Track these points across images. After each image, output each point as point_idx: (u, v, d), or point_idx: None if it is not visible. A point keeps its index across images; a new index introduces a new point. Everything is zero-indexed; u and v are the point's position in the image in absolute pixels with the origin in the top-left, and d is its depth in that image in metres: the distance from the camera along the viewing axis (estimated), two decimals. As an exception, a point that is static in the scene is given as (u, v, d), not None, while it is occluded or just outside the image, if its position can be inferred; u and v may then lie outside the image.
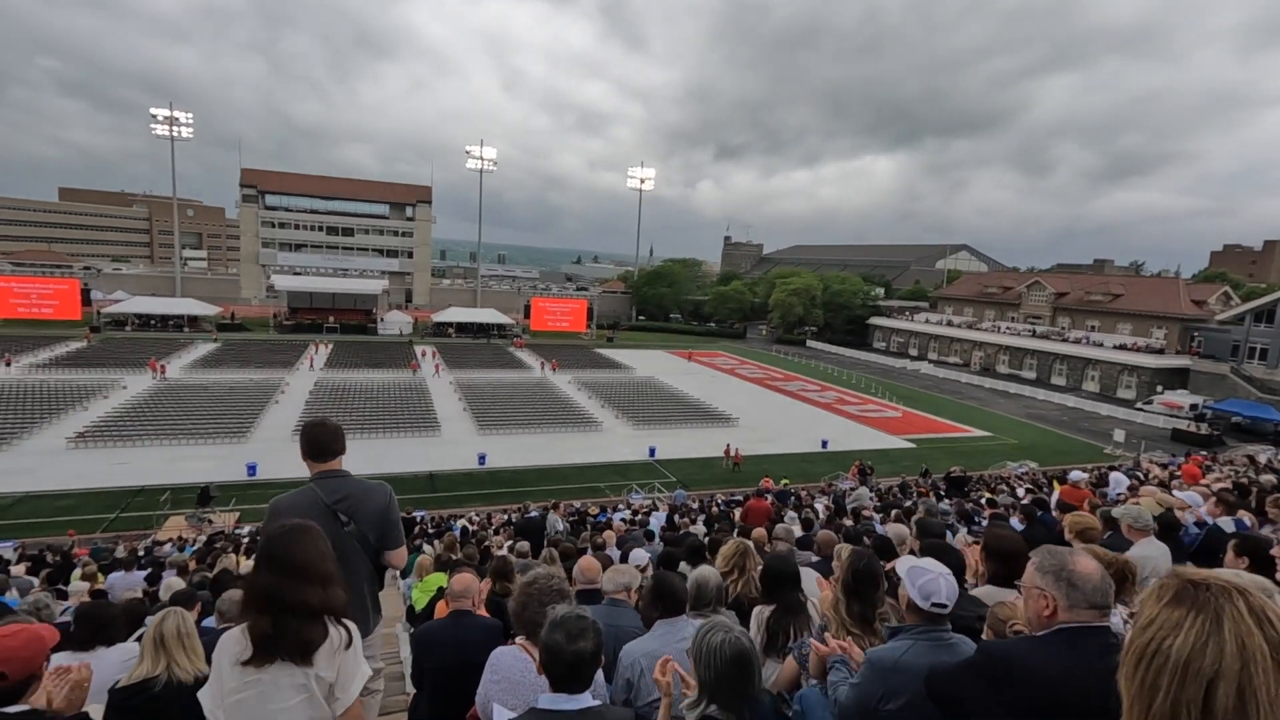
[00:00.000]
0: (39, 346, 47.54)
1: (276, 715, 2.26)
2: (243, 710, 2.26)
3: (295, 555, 2.34)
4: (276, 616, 2.27)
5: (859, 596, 2.83)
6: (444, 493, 26.07)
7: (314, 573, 2.34)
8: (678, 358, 66.32)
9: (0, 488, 23.65)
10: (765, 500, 10.17)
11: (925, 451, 36.96)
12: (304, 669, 2.30)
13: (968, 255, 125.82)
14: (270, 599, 2.28)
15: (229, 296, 75.98)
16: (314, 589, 2.32)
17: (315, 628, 2.33)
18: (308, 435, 3.52)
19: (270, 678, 2.27)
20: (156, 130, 71.64)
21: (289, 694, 2.28)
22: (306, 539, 2.40)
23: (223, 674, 2.30)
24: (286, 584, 2.29)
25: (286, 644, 2.27)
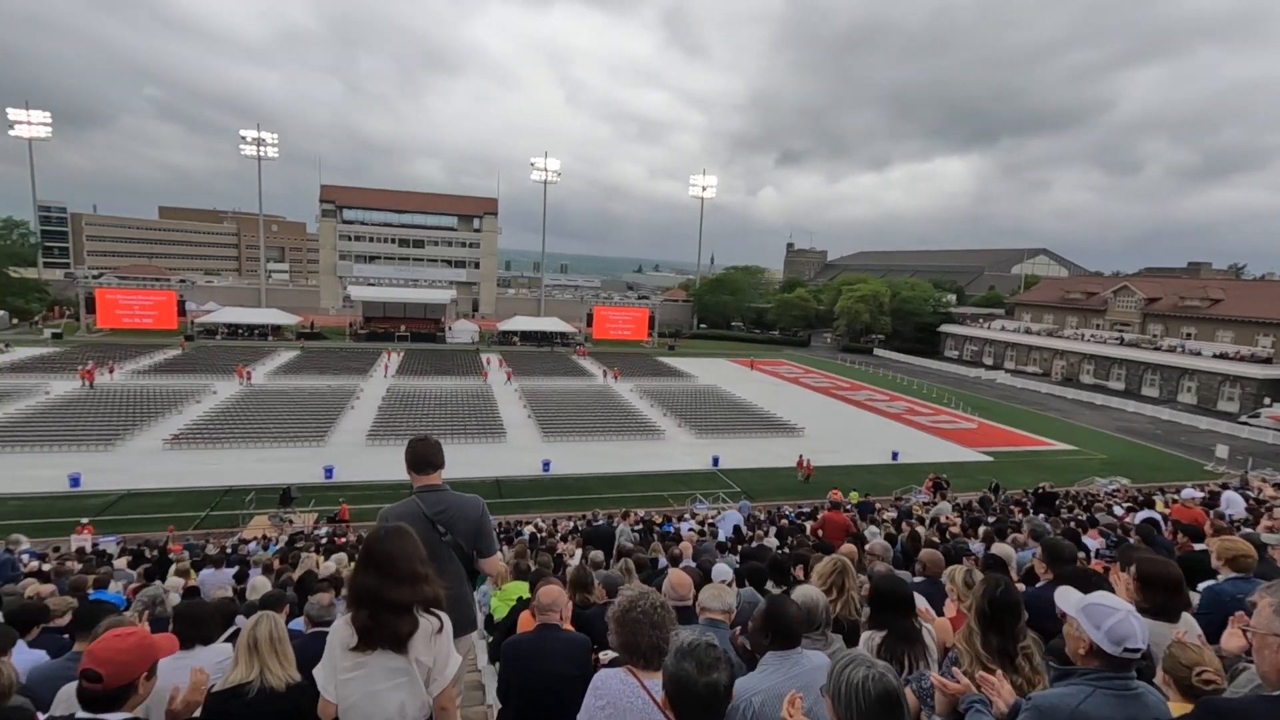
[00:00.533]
0: (140, 354, 51.03)
1: (378, 694, 2.59)
2: (351, 688, 2.60)
3: (388, 556, 2.65)
4: (374, 611, 2.58)
5: (998, 628, 2.52)
6: (510, 498, 26.40)
7: (404, 571, 2.64)
8: (740, 366, 65.51)
9: (105, 485, 25.36)
10: (841, 513, 9.72)
11: (1004, 465, 35.17)
12: (401, 655, 2.61)
13: (1046, 259, 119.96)
14: (368, 596, 2.60)
15: (309, 306, 79.77)
16: (405, 586, 2.62)
17: (406, 620, 2.61)
18: (412, 450, 3.90)
19: (373, 662, 2.60)
20: (245, 150, 76.15)
21: (389, 676, 2.61)
22: (398, 541, 2.72)
23: (335, 656, 2.64)
24: (381, 583, 2.59)
25: (383, 635, 2.59)
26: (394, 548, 2.68)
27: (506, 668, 3.54)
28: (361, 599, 2.62)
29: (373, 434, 33.38)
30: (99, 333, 60.35)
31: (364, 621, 2.58)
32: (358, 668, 2.60)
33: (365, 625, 2.58)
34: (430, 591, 2.71)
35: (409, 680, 2.62)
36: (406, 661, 2.61)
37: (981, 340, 78.13)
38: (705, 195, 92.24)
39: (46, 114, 72.08)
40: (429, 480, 3.86)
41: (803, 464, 30.72)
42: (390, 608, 2.59)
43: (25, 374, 42.47)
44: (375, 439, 32.85)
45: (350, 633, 2.62)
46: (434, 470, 3.88)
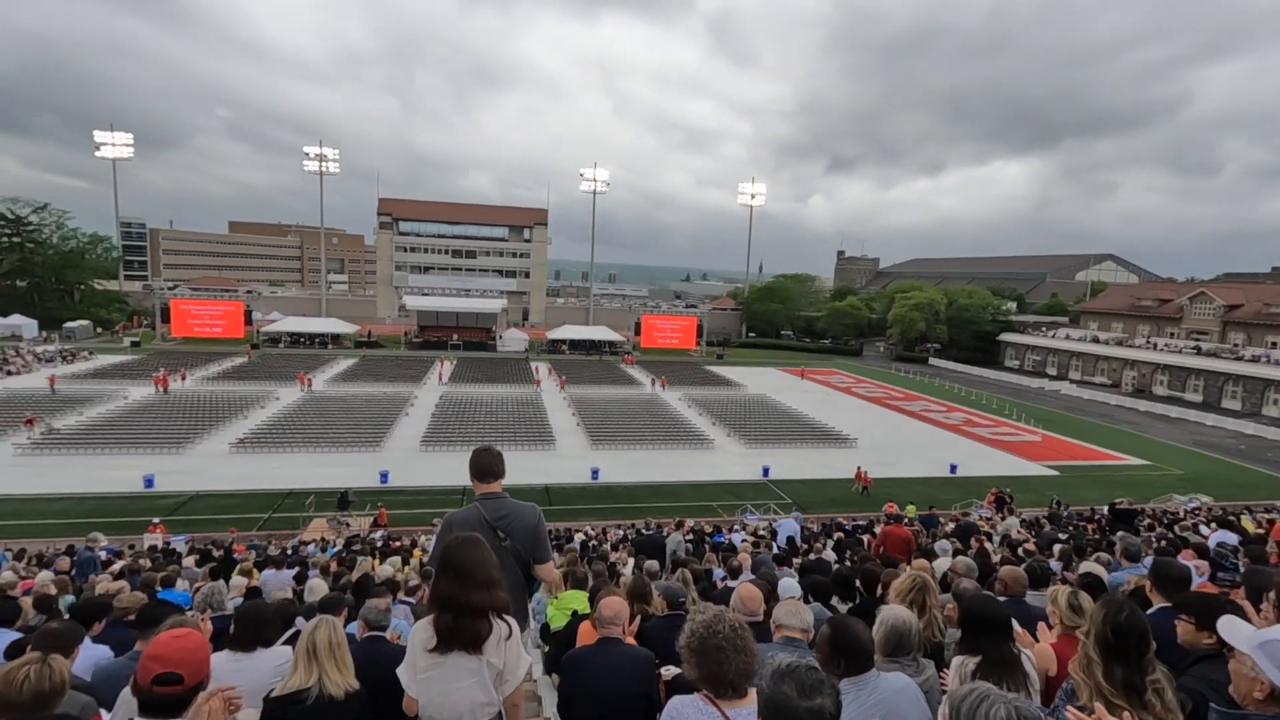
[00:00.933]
0: (210, 361, 53.47)
1: (455, 692, 2.79)
2: (430, 686, 2.81)
3: (467, 564, 2.84)
4: (454, 614, 2.78)
5: (1122, 658, 2.23)
6: (559, 505, 26.45)
7: (481, 578, 2.83)
8: (790, 375, 64.51)
9: (176, 486, 26.52)
10: (903, 527, 9.30)
11: (1070, 480, 33.53)
12: (476, 657, 2.80)
13: (1114, 265, 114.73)
14: (449, 601, 2.80)
15: (366, 316, 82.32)
16: (481, 592, 2.81)
17: (483, 624, 2.81)
18: (476, 460, 4.06)
19: (450, 662, 2.79)
20: (308, 166, 79.35)
21: (465, 676, 2.80)
22: (474, 550, 2.90)
23: (416, 656, 2.85)
24: (461, 588, 2.79)
25: (462, 637, 2.78)
26: (471, 556, 2.86)
27: (568, 682, 3.41)
28: (443, 603, 2.81)
29: (426, 440, 34.03)
30: (173, 341, 63.53)
31: (446, 624, 2.78)
32: (435, 667, 2.80)
33: (447, 627, 2.78)
34: (503, 598, 2.92)
35: (481, 680, 2.81)
36: (480, 662, 2.81)
37: (1044, 349, 74.95)
38: (754, 203, 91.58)
39: (129, 136, 76.66)
40: (490, 489, 4.02)
41: (861, 476, 29.86)
42: (469, 612, 2.79)
43: (106, 380, 44.95)
44: (429, 445, 33.48)
45: (430, 634, 2.82)
46: (495, 479, 4.05)
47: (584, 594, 5.42)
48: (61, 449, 30.00)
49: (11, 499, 24.58)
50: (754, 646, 2.32)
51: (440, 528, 4.15)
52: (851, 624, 2.61)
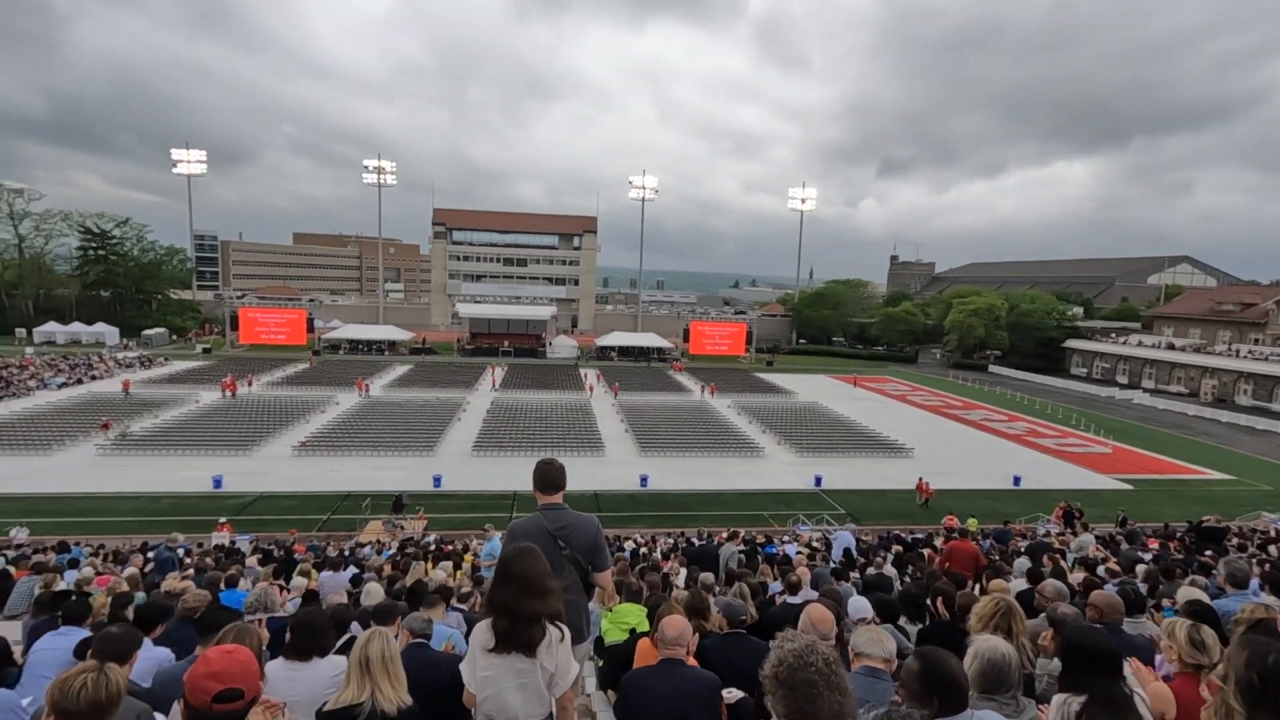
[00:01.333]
0: (274, 367, 55.66)
1: (510, 690, 2.99)
2: (489, 684, 3.01)
3: (524, 573, 3.02)
4: (510, 619, 2.97)
5: (1273, 708, 1.94)
6: (608, 513, 26.37)
7: (536, 586, 3.01)
8: (842, 383, 63.11)
9: (243, 487, 27.57)
10: (970, 542, 8.79)
11: (1146, 494, 31.71)
12: (530, 659, 2.99)
13: (1189, 268, 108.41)
14: (506, 607, 2.99)
15: (421, 323, 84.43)
16: (536, 600, 2.99)
17: (537, 629, 3.00)
18: (540, 472, 4.24)
19: (506, 663, 2.99)
20: (367, 179, 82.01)
21: (518, 676, 2.99)
22: (531, 559, 3.08)
23: (476, 656, 3.07)
24: (517, 596, 2.97)
25: (518, 641, 2.97)
26: (528, 567, 3.05)
27: (628, 704, 3.27)
28: (500, 609, 3.01)
29: (478, 445, 34.53)
30: (241, 348, 66.46)
31: (503, 628, 2.99)
32: (492, 666, 3.02)
33: (504, 631, 2.99)
34: (556, 605, 3.10)
35: (534, 681, 3.01)
36: (533, 665, 3.01)
37: (1114, 356, 71.37)
38: (804, 208, 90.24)
39: (203, 153, 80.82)
40: (552, 500, 4.20)
41: (923, 487, 28.81)
42: (525, 618, 2.98)
43: (179, 385, 47.27)
44: (480, 450, 33.96)
45: (489, 636, 3.03)
46: (557, 491, 4.23)
47: (640, 608, 5.29)
48: (138, 450, 31.59)
49: (94, 496, 25.97)
50: (848, 684, 2.06)
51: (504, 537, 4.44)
52: (945, 657, 2.32)
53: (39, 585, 7.79)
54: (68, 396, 41.78)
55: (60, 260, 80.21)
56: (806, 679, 2.03)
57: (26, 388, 43.44)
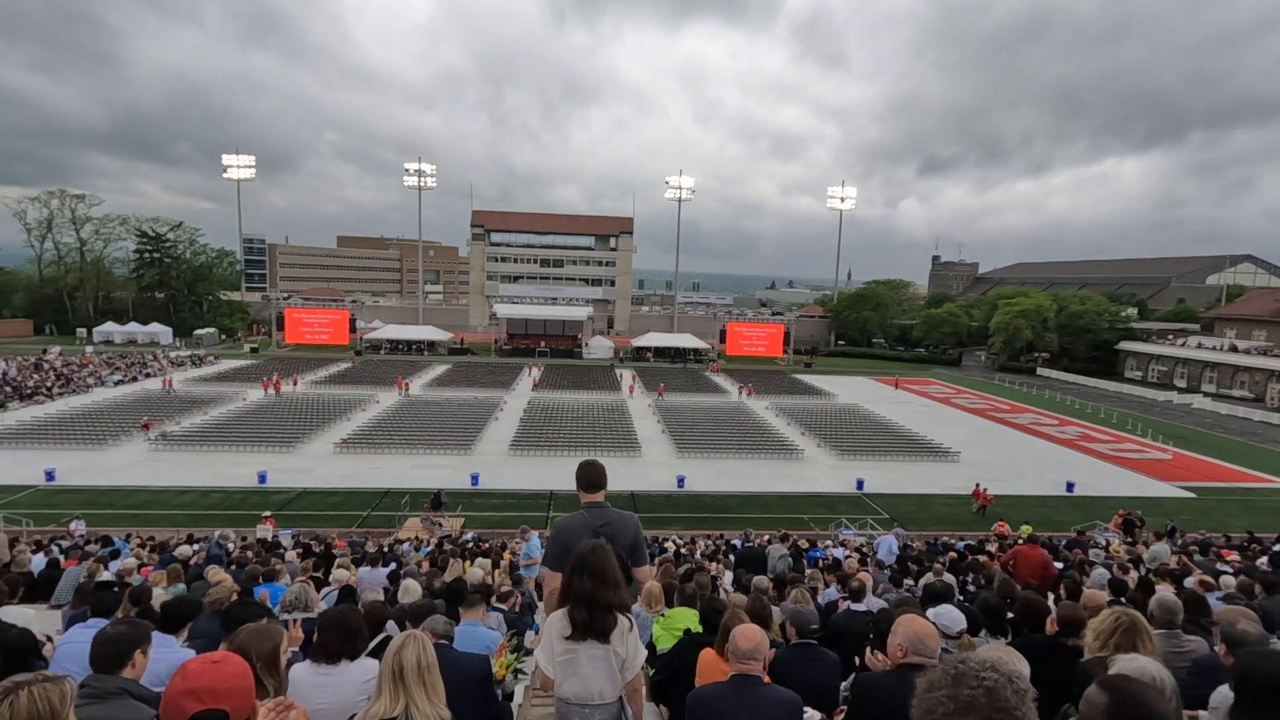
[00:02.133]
0: (318, 366, 56.89)
1: (587, 675, 3.20)
2: (566, 669, 3.21)
3: (601, 567, 3.23)
4: (589, 609, 3.17)
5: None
6: (645, 513, 26.05)
7: (611, 579, 3.23)
8: (883, 385, 61.68)
9: (287, 482, 28.08)
10: (1039, 548, 8.20)
11: (1211, 503, 30.11)
12: (604, 645, 3.20)
13: (1252, 267, 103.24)
14: (585, 597, 3.18)
15: (459, 324, 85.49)
16: (611, 591, 3.22)
17: (612, 618, 3.21)
18: (583, 472, 4.43)
19: (582, 650, 3.20)
20: (407, 181, 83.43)
21: (593, 662, 3.20)
22: (606, 556, 3.27)
23: (552, 642, 3.25)
24: (596, 588, 3.17)
25: (595, 628, 3.18)
26: (605, 561, 3.28)
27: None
28: (580, 599, 3.22)
29: (515, 444, 34.60)
30: (286, 348, 68.17)
31: (582, 617, 3.19)
32: (569, 653, 3.22)
33: (583, 620, 3.19)
34: (625, 597, 3.33)
35: (609, 665, 3.23)
36: (607, 651, 3.22)
37: (1172, 359, 68.29)
38: (843, 207, 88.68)
39: (251, 158, 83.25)
40: (594, 498, 4.40)
41: (979, 494, 27.74)
42: (603, 607, 3.20)
43: (227, 383, 48.62)
44: (517, 449, 34.01)
45: (566, 624, 3.23)
46: (599, 490, 4.43)
47: (693, 612, 4.98)
48: (188, 446, 32.49)
49: (146, 490, 26.74)
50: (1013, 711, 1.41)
51: (551, 532, 4.55)
52: (1142, 690, 1.77)
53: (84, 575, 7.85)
54: (123, 394, 43.30)
55: (118, 264, 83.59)
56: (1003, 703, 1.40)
57: (86, 385, 45.19)
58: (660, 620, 4.92)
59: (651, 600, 5.90)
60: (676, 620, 4.87)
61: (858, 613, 5.12)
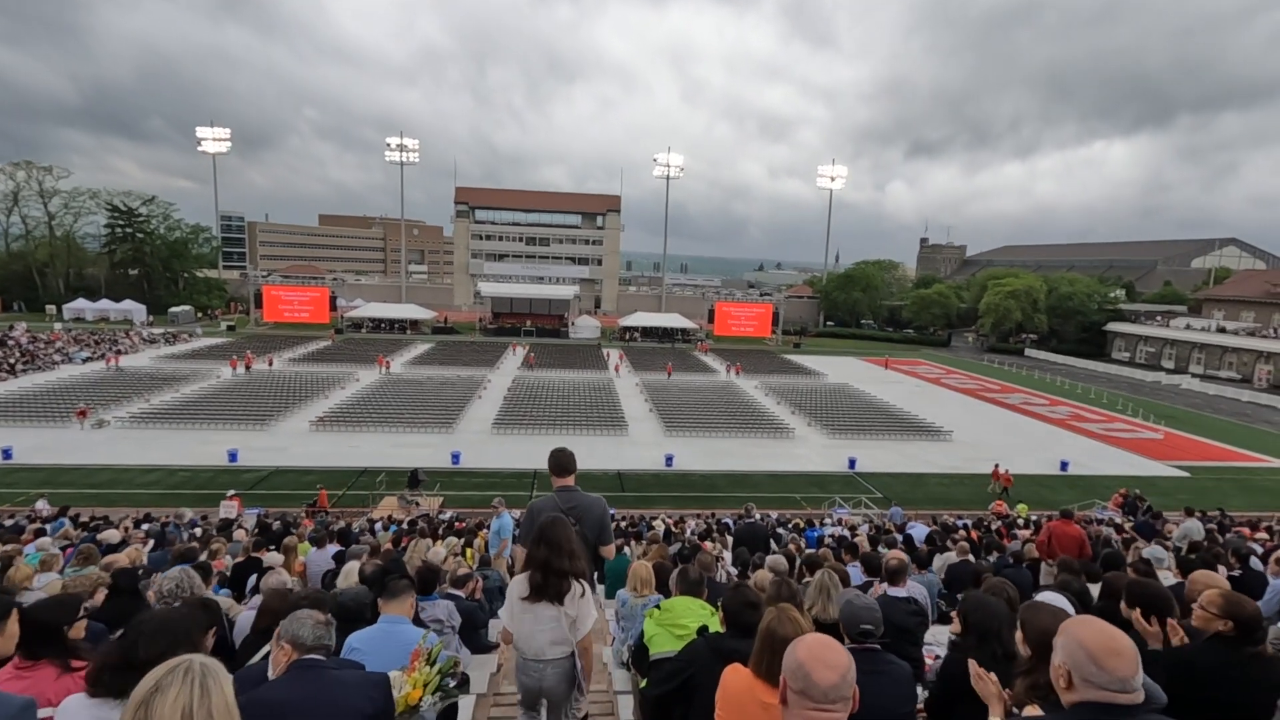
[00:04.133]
0: (296, 344, 55.36)
1: (540, 632, 3.64)
2: (522, 626, 3.68)
3: (556, 538, 3.64)
4: (545, 574, 3.59)
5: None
6: (632, 492, 25.29)
7: (566, 549, 3.64)
8: (873, 365, 61.18)
9: (258, 461, 26.94)
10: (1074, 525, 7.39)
11: (1207, 483, 29.80)
12: (557, 606, 3.62)
13: (1237, 250, 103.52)
14: (542, 563, 3.59)
15: (444, 303, 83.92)
16: (565, 559, 3.62)
17: (565, 582, 3.63)
18: (554, 458, 4.74)
19: (538, 610, 3.63)
20: (389, 156, 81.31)
21: (548, 621, 3.63)
22: (562, 527, 3.73)
23: (513, 603, 3.71)
24: (550, 555, 3.59)
25: (548, 591, 3.59)
26: (561, 532, 3.63)
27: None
28: (537, 564, 3.55)
29: (498, 423, 33.59)
30: (265, 326, 66.40)
31: (538, 581, 3.54)
32: (526, 612, 3.60)
33: (538, 583, 3.54)
34: (580, 566, 3.67)
35: (559, 625, 3.59)
36: (559, 611, 3.57)
37: (1160, 340, 68.32)
38: (834, 187, 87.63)
39: (226, 130, 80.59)
40: (565, 482, 4.71)
41: (1000, 475, 26.93)
42: (556, 573, 3.54)
43: (201, 360, 47.05)
44: (501, 428, 33.02)
45: (525, 587, 3.58)
46: (569, 474, 4.73)
47: (702, 605, 4.00)
48: (156, 424, 31.19)
49: (109, 468, 25.51)
50: None
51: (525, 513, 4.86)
52: None
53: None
54: (91, 370, 41.71)
55: (90, 239, 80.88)
56: None
57: (52, 362, 43.51)
58: (655, 614, 4.03)
59: (639, 584, 4.96)
60: (679, 614, 3.90)
61: (897, 599, 4.22)
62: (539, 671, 3.62)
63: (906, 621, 3.80)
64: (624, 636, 4.97)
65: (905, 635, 3.63)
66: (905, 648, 3.48)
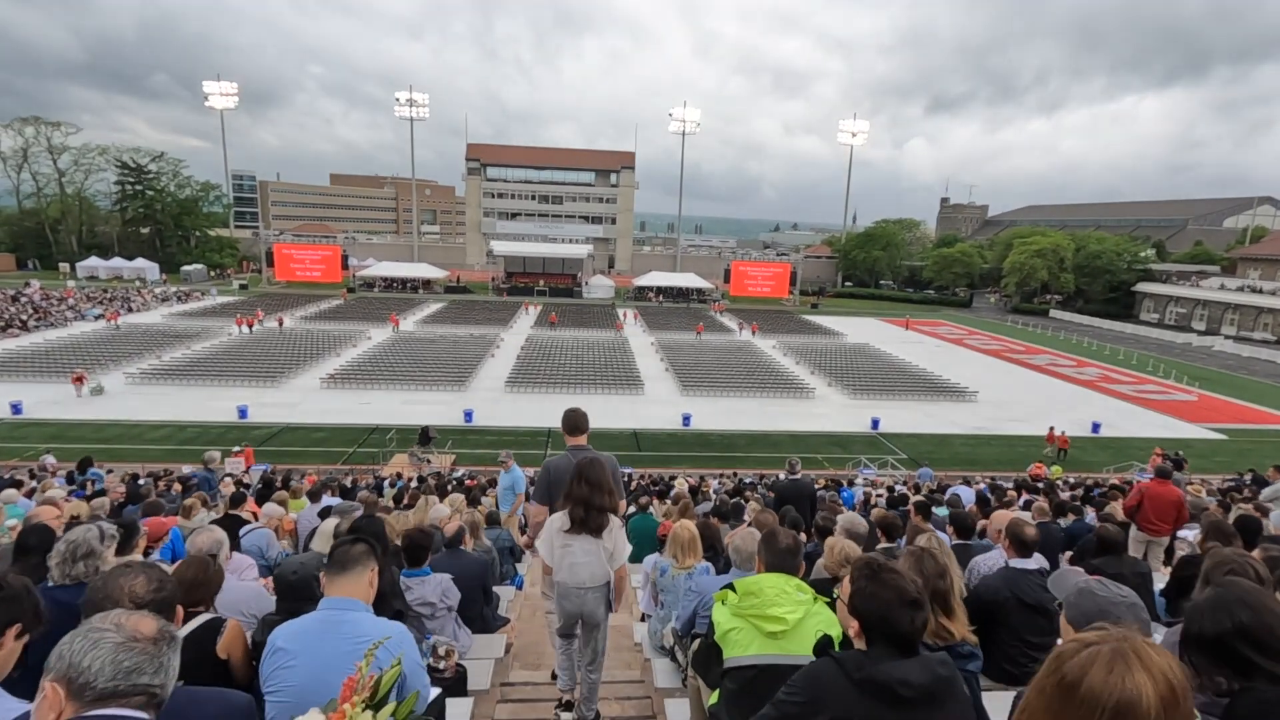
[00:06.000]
0: (308, 303, 54.83)
1: (580, 562, 3.86)
2: (564, 557, 3.87)
3: (595, 476, 3.89)
4: (585, 508, 3.83)
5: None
6: (649, 452, 24.63)
7: (604, 486, 3.89)
8: (893, 326, 59.80)
9: (268, 418, 26.52)
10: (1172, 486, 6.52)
11: (1245, 445, 28.69)
12: (596, 539, 3.86)
13: (1272, 209, 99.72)
14: (582, 499, 3.83)
15: (456, 262, 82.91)
16: (603, 495, 3.87)
17: (604, 517, 3.88)
18: (567, 418, 4.99)
19: (578, 543, 3.86)
20: (399, 111, 79.38)
21: (588, 552, 3.86)
22: (600, 468, 3.95)
23: (553, 535, 3.91)
24: (591, 492, 3.84)
25: (590, 525, 3.84)
26: (600, 473, 3.92)
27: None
28: (578, 501, 3.84)
29: (511, 381, 32.94)
30: (277, 284, 65.90)
31: (579, 515, 3.83)
32: (567, 544, 3.87)
33: (580, 518, 3.83)
34: (615, 502, 4.01)
35: (599, 556, 3.88)
36: (598, 545, 3.87)
37: (1191, 301, 66.17)
38: (854, 143, 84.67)
39: (234, 85, 78.83)
40: (578, 441, 4.90)
41: (1053, 436, 25.88)
42: (596, 508, 3.85)
43: (213, 318, 46.65)
44: (514, 386, 32.38)
45: (566, 520, 3.86)
46: (581, 434, 4.92)
47: (800, 586, 2.77)
48: (168, 379, 30.85)
49: (118, 423, 25.21)
50: None
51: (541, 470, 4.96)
52: None
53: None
54: (103, 327, 41.43)
55: (101, 196, 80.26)
56: None
57: (64, 318, 43.29)
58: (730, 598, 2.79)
59: (679, 550, 4.14)
60: (769, 600, 2.66)
61: (1028, 571, 3.33)
62: (580, 597, 3.88)
63: (1046, 601, 2.96)
64: (664, 614, 4.17)
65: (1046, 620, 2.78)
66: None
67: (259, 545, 4.86)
